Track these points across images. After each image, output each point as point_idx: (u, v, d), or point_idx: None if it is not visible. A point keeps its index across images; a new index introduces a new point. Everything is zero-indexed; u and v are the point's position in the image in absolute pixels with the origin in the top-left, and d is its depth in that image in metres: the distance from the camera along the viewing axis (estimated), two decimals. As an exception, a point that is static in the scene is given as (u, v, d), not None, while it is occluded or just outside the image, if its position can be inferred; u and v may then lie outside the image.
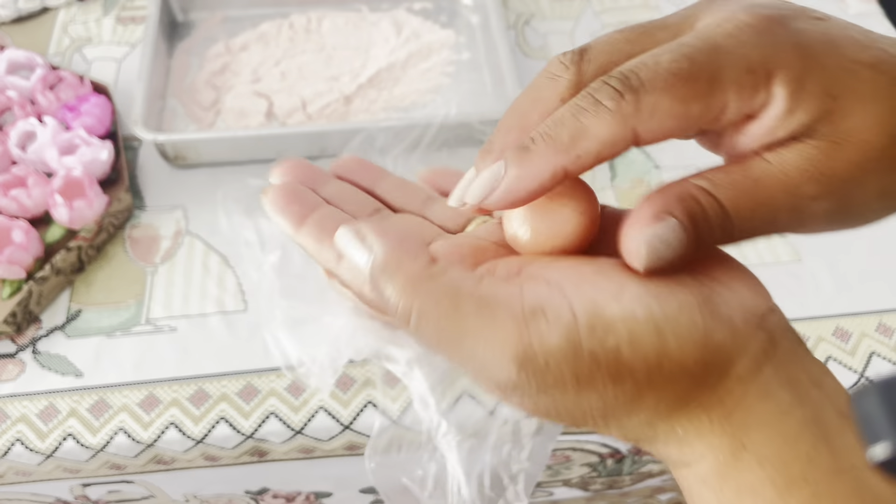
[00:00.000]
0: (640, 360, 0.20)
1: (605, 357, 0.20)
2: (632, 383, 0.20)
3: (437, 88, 0.85)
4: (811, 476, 0.20)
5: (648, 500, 0.89)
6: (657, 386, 0.21)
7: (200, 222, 0.72)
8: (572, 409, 0.21)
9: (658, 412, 0.21)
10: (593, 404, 0.21)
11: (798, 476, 0.20)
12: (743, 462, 0.21)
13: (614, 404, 0.21)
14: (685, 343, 0.21)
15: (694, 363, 0.21)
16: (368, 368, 0.63)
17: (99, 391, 0.62)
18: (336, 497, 0.76)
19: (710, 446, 0.21)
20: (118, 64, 0.86)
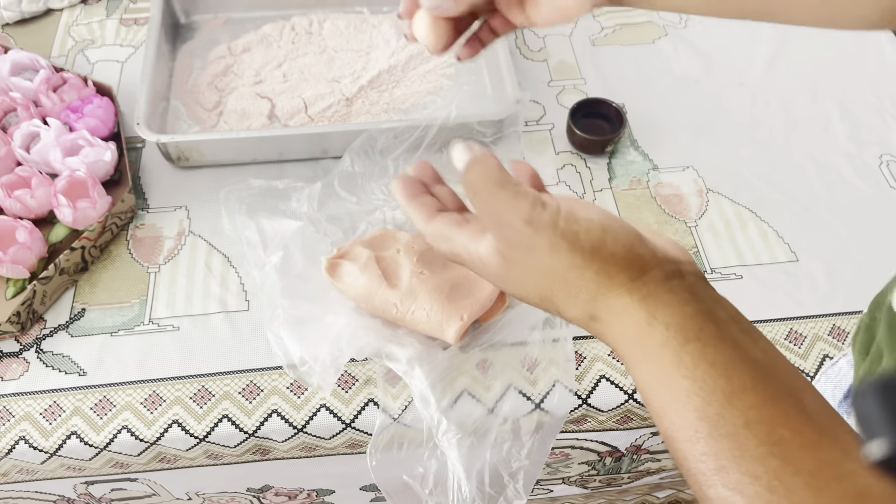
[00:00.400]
0: (588, 242, 0.33)
1: (569, 234, 0.33)
2: (581, 255, 0.33)
3: (438, 90, 0.85)
4: (701, 337, 0.30)
5: (646, 497, 0.89)
6: (597, 260, 0.33)
7: (203, 222, 0.73)
8: (545, 271, 0.34)
9: (599, 286, 0.33)
10: (557, 269, 0.33)
11: (692, 336, 0.30)
12: (654, 327, 0.31)
13: (569, 271, 0.33)
14: (617, 243, 0.33)
15: (622, 256, 0.33)
16: (370, 367, 0.64)
17: (102, 390, 0.62)
18: (337, 495, 0.76)
19: (632, 318, 0.32)
20: (121, 65, 0.86)
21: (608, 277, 0.33)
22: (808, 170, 0.78)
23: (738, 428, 0.27)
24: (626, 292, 0.32)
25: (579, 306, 0.34)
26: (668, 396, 0.30)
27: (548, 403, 0.62)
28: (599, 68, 0.88)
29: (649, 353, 0.31)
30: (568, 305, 0.34)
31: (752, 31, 0.92)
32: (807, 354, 0.65)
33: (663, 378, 0.30)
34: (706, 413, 0.28)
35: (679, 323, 0.31)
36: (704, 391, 0.29)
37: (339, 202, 0.71)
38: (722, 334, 0.30)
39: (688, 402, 0.29)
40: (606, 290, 0.33)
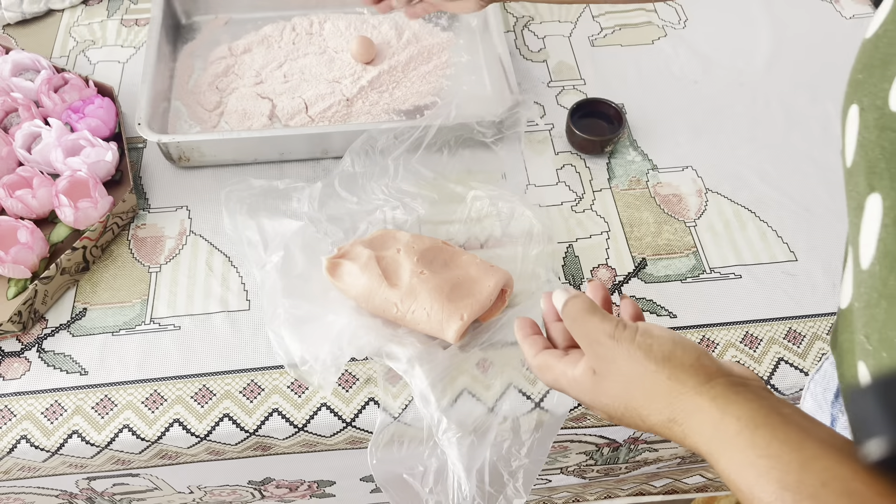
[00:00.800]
0: (660, 352, 0.40)
1: (644, 345, 0.40)
2: (654, 362, 0.39)
3: (438, 90, 0.86)
4: (769, 423, 0.34)
5: (643, 486, 0.89)
6: (668, 367, 0.39)
7: (204, 222, 0.73)
8: (627, 379, 0.40)
9: (672, 389, 0.38)
10: (636, 375, 0.40)
11: (761, 423, 0.35)
12: (726, 421, 0.36)
13: (646, 376, 0.39)
14: (686, 354, 0.40)
15: (689, 364, 0.39)
16: (370, 366, 0.64)
17: (104, 389, 0.63)
18: (338, 486, 0.76)
19: (706, 415, 0.37)
20: (122, 66, 0.87)
21: (680, 382, 0.38)
22: (808, 170, 0.78)
23: (817, 488, 0.31)
24: (696, 395, 0.37)
25: (658, 411, 0.39)
26: (751, 477, 0.33)
27: (547, 402, 0.63)
28: (599, 69, 0.88)
29: (726, 444, 0.35)
30: (649, 412, 0.39)
31: (752, 31, 0.93)
32: (806, 353, 0.66)
33: (743, 462, 0.34)
34: (786, 482, 0.32)
35: (748, 415, 0.35)
36: (781, 464, 0.32)
37: (340, 202, 0.72)
38: (787, 421, 0.35)
39: (769, 476, 0.32)
40: (679, 393, 0.38)
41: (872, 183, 0.31)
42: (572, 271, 0.71)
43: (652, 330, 0.41)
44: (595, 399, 0.42)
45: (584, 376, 0.42)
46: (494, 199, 0.73)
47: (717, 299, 0.69)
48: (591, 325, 0.42)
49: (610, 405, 0.41)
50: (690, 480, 0.88)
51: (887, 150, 0.31)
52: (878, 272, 0.30)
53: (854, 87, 0.35)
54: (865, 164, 0.32)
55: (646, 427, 0.40)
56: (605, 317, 0.42)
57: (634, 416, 0.40)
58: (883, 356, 0.29)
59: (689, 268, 0.71)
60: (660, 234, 0.73)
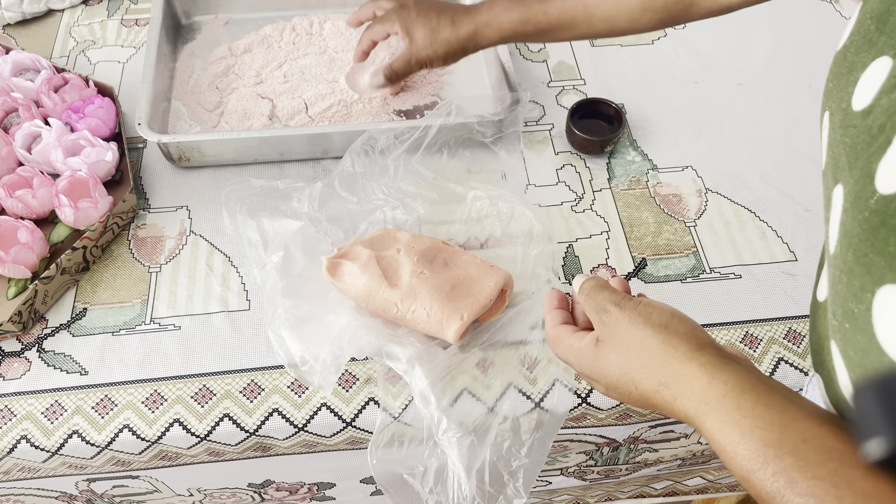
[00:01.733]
0: (658, 319, 0.42)
1: (644, 313, 0.43)
2: (651, 328, 0.42)
3: (438, 90, 0.86)
4: (755, 389, 0.37)
5: (643, 488, 0.89)
6: (663, 332, 0.42)
7: (204, 222, 0.73)
8: (625, 343, 0.42)
9: (664, 353, 0.41)
10: (634, 339, 0.42)
11: (747, 388, 0.37)
12: (713, 384, 0.38)
13: (642, 340, 0.42)
14: (681, 324, 0.42)
15: (684, 333, 0.42)
16: (370, 366, 0.64)
17: (104, 389, 0.63)
18: (338, 488, 0.76)
19: (695, 378, 0.39)
20: (122, 66, 0.87)
21: (672, 346, 0.41)
22: (807, 169, 0.78)
23: (797, 444, 0.33)
24: (687, 360, 0.40)
25: (650, 375, 0.41)
26: (735, 435, 0.35)
27: (547, 402, 0.63)
28: (599, 69, 0.88)
29: (712, 405, 0.37)
30: (642, 376, 0.41)
31: (751, 31, 0.93)
32: (806, 353, 0.66)
33: (728, 422, 0.36)
34: (769, 439, 0.34)
35: (734, 380, 0.37)
36: (764, 423, 0.35)
37: (340, 202, 0.72)
38: (772, 389, 0.37)
39: (752, 434, 0.35)
40: (671, 357, 0.40)
41: (837, 176, 0.34)
42: (572, 271, 0.71)
43: (654, 303, 0.44)
44: (594, 365, 0.44)
45: (588, 346, 0.44)
46: (494, 199, 0.73)
47: (716, 299, 0.69)
48: (601, 296, 0.45)
49: (607, 370, 0.43)
50: (691, 482, 0.88)
51: (848, 144, 0.33)
52: (839, 252, 0.32)
53: (826, 95, 0.38)
54: (832, 162, 0.35)
55: (638, 394, 0.42)
56: (614, 290, 0.46)
57: (629, 382, 0.42)
58: (846, 328, 0.31)
59: (688, 268, 0.71)
60: (660, 234, 0.73)
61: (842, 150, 0.34)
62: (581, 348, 0.45)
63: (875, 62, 0.33)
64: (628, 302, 0.44)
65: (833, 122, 0.35)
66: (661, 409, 0.41)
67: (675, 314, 0.43)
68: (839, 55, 0.38)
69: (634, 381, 0.42)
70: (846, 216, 0.32)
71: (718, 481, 0.88)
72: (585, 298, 0.46)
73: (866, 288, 0.29)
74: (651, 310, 0.43)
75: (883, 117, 0.30)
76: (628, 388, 0.42)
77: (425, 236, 0.67)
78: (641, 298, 0.45)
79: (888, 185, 0.29)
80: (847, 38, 0.37)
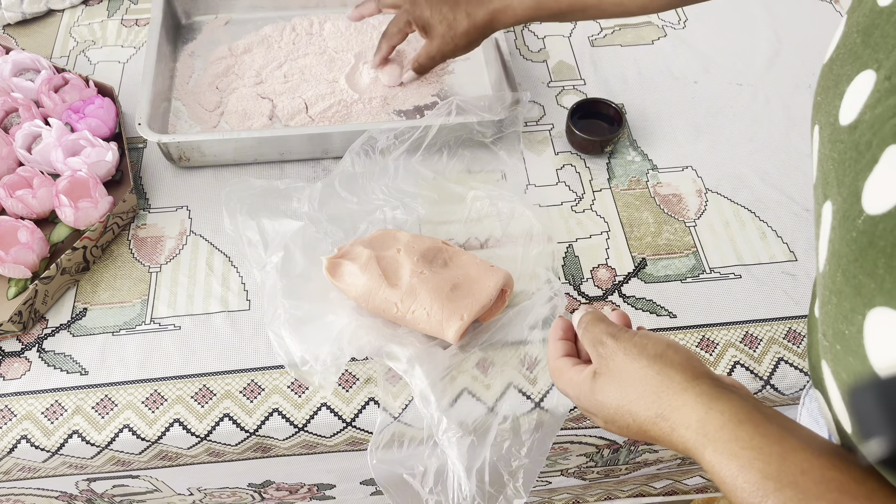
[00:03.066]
0: (653, 350, 0.43)
1: (640, 344, 0.43)
2: (647, 358, 0.42)
3: (438, 90, 0.86)
4: (752, 419, 0.36)
5: (643, 487, 0.89)
6: (659, 363, 0.42)
7: (204, 222, 0.73)
8: (622, 376, 0.42)
9: (660, 385, 0.41)
10: (630, 371, 0.42)
11: (744, 419, 0.36)
12: (710, 415, 0.38)
13: (637, 371, 0.42)
14: (677, 354, 0.42)
15: (679, 363, 0.42)
16: (370, 366, 0.64)
17: (104, 389, 0.63)
18: (338, 489, 0.76)
19: (691, 409, 0.39)
20: (122, 66, 0.87)
21: (668, 378, 0.41)
22: (807, 169, 0.78)
23: (796, 476, 0.33)
24: (682, 391, 0.40)
25: (646, 407, 0.41)
26: (734, 468, 0.35)
27: (547, 402, 0.63)
28: (599, 69, 0.88)
29: (710, 437, 0.37)
30: (639, 408, 0.41)
31: (751, 31, 0.93)
32: (805, 353, 0.66)
33: (727, 454, 0.36)
34: (768, 472, 0.34)
35: (731, 411, 0.37)
36: (763, 455, 0.34)
37: (340, 202, 0.72)
38: (769, 419, 0.37)
39: (751, 466, 0.34)
40: (667, 387, 0.40)
41: (826, 192, 0.33)
42: (572, 271, 0.71)
43: (650, 334, 0.44)
44: (591, 399, 0.44)
45: (585, 379, 0.44)
46: (494, 199, 0.73)
47: (716, 299, 0.69)
48: (597, 329, 0.46)
49: (604, 403, 0.43)
50: (690, 481, 0.88)
51: (836, 160, 0.33)
52: (828, 271, 0.31)
53: (815, 109, 0.37)
54: (822, 178, 0.34)
55: (636, 426, 0.41)
56: (611, 323, 0.46)
57: (626, 414, 0.42)
58: (837, 349, 0.30)
59: (688, 268, 0.71)
60: (660, 234, 0.73)
61: (830, 166, 0.33)
62: (579, 382, 0.45)
63: (860, 75, 0.32)
64: (624, 334, 0.44)
65: (822, 137, 0.35)
66: (660, 440, 0.41)
67: (670, 345, 0.43)
68: (826, 68, 0.37)
69: (631, 413, 0.41)
70: (834, 235, 0.31)
71: (718, 481, 0.88)
72: (583, 332, 0.47)
73: (857, 310, 0.28)
74: (646, 341, 0.43)
75: (869, 133, 0.30)
76: (625, 420, 0.42)
77: (425, 236, 0.67)
78: (637, 331, 0.45)
79: (875, 205, 0.28)
80: (833, 50, 0.37)
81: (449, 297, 0.61)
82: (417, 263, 0.63)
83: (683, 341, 0.66)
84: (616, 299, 0.69)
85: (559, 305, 0.66)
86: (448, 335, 0.61)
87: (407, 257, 0.63)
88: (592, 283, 0.70)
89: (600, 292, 0.69)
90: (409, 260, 0.63)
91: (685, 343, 0.66)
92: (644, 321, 0.67)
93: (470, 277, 0.64)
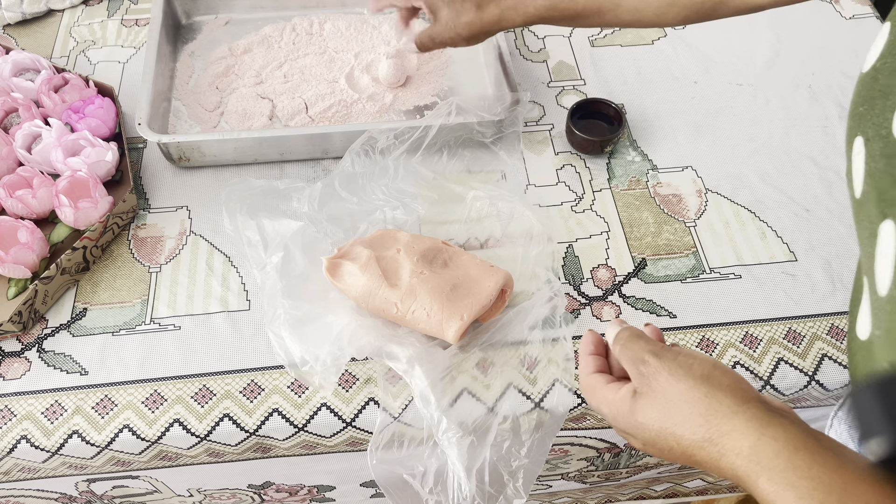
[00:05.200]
0: (700, 371, 0.40)
1: (685, 364, 0.41)
2: (693, 379, 0.40)
3: (438, 90, 0.86)
4: (808, 447, 0.35)
5: (644, 490, 0.89)
6: (706, 384, 0.40)
7: (204, 222, 0.73)
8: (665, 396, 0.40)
9: (709, 407, 0.39)
10: (674, 392, 0.40)
11: (800, 446, 0.35)
12: (763, 442, 0.36)
13: (683, 393, 0.40)
14: (724, 376, 0.40)
15: (727, 385, 0.40)
16: (370, 366, 0.64)
17: (104, 389, 0.63)
18: (338, 490, 0.76)
19: (743, 434, 0.37)
20: (122, 66, 0.87)
21: (717, 400, 0.39)
22: (807, 169, 0.78)
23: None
24: (733, 414, 0.38)
25: (693, 430, 0.39)
26: (791, 498, 0.33)
27: (547, 402, 0.63)
28: (599, 69, 0.88)
29: (764, 464, 0.35)
30: (684, 431, 0.39)
31: (751, 31, 0.93)
32: (805, 353, 0.66)
33: (783, 483, 0.34)
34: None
35: (786, 437, 0.36)
36: (822, 486, 0.33)
37: (340, 202, 0.72)
38: (824, 446, 0.35)
39: (811, 498, 0.33)
40: (715, 410, 0.38)
41: (884, 210, 0.32)
42: (572, 271, 0.71)
43: (693, 352, 0.43)
44: (631, 419, 0.42)
45: (624, 398, 0.42)
46: (494, 199, 0.73)
47: (716, 299, 0.69)
48: (637, 346, 0.44)
49: (646, 424, 0.41)
50: (691, 484, 0.88)
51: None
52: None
53: (857, 119, 0.36)
54: (875, 193, 0.32)
55: (679, 450, 0.39)
56: (651, 340, 0.44)
57: (669, 437, 0.40)
58: None
59: (688, 268, 0.71)
60: (660, 234, 0.73)
61: (889, 183, 0.32)
62: (616, 401, 0.43)
63: None
64: (667, 352, 0.42)
65: (871, 150, 0.33)
66: (706, 465, 0.39)
67: (716, 365, 0.41)
68: (868, 77, 0.35)
69: (675, 437, 0.39)
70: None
71: (718, 483, 0.88)
72: (621, 349, 0.45)
73: None
74: (692, 360, 0.41)
75: None
76: (668, 443, 0.40)
77: (425, 236, 0.67)
78: (679, 349, 0.44)
79: None
80: (877, 59, 0.35)
81: (449, 298, 0.61)
82: (417, 263, 0.63)
83: (683, 341, 0.66)
84: (616, 299, 0.69)
85: (559, 305, 0.66)
86: (448, 335, 0.61)
87: (407, 257, 0.63)
88: (592, 284, 0.70)
89: (600, 292, 0.69)
90: (409, 260, 0.63)
91: (684, 343, 0.66)
92: (644, 321, 0.67)
93: (470, 277, 0.64)
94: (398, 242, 0.65)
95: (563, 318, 0.66)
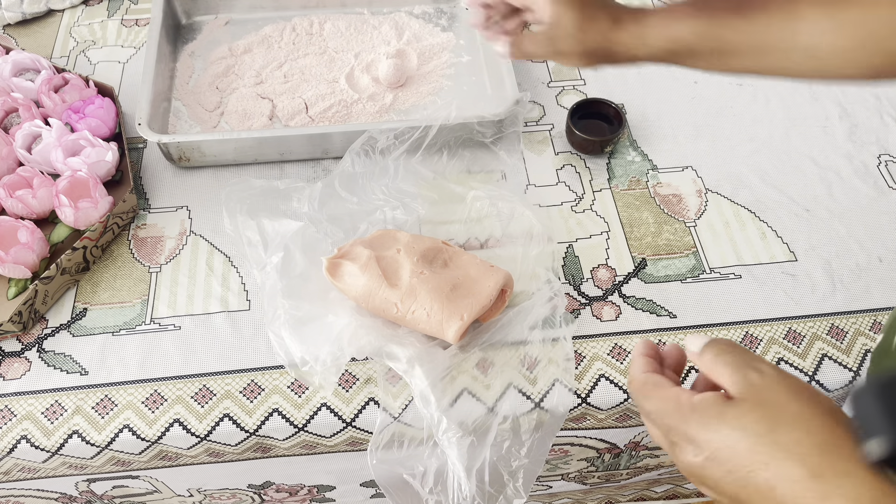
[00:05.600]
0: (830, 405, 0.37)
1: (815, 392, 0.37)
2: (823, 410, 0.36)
3: (438, 91, 0.86)
4: None
5: (644, 492, 0.89)
6: (839, 422, 0.35)
7: (204, 222, 0.73)
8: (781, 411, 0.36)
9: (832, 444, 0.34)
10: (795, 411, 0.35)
11: None
12: (888, 499, 0.32)
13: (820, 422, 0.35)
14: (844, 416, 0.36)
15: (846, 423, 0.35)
16: (370, 366, 0.64)
17: (104, 389, 0.63)
18: (338, 490, 0.76)
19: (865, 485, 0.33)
20: (122, 66, 0.87)
21: (839, 438, 0.34)
22: (807, 170, 0.78)
23: None
24: (852, 457, 0.33)
25: (800, 458, 0.34)
26: None
27: (547, 402, 0.63)
28: (599, 69, 0.88)
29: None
30: (785, 454, 0.34)
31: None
32: (805, 354, 0.66)
33: None
34: None
35: None
36: None
37: (340, 202, 0.72)
38: None
39: None
40: (834, 447, 0.34)
41: None
42: (572, 271, 0.71)
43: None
44: (719, 424, 0.36)
45: (709, 401, 0.38)
46: (494, 199, 0.73)
47: (717, 299, 0.69)
48: (747, 354, 0.39)
49: (733, 436, 0.36)
50: (691, 486, 0.88)
51: None
52: None
53: None
54: None
55: (765, 475, 0.34)
56: (755, 355, 0.41)
57: (757, 454, 0.35)
58: None
59: (688, 268, 0.71)
60: (660, 234, 0.73)
61: None
62: (695, 403, 0.38)
63: None
64: (782, 370, 0.39)
65: None
66: (795, 501, 0.34)
67: (836, 407, 0.37)
68: None
69: (770, 455, 0.34)
70: None
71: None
72: (719, 355, 0.39)
73: None
74: (813, 388, 0.37)
75: None
76: (753, 460, 0.35)
77: (425, 236, 0.67)
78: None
79: None
80: None
81: (449, 298, 0.61)
82: (417, 263, 0.63)
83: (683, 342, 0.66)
84: (616, 299, 0.69)
85: (559, 305, 0.66)
86: (448, 335, 0.61)
87: (407, 257, 0.63)
88: (592, 284, 0.70)
89: (600, 292, 0.69)
90: (409, 260, 0.63)
91: (684, 344, 0.66)
92: (644, 321, 0.67)
93: (470, 277, 0.64)
94: (398, 242, 0.65)
95: (563, 318, 0.66)
